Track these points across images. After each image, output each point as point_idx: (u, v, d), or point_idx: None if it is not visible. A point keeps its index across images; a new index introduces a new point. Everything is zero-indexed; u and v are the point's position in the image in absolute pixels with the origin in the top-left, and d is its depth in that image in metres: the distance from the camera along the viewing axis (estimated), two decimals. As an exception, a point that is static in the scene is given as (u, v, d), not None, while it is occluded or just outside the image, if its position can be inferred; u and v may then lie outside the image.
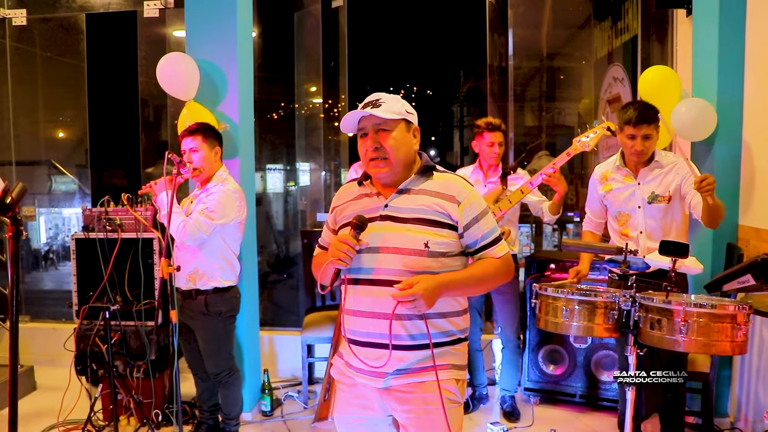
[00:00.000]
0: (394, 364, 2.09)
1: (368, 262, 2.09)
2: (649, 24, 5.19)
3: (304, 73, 6.52)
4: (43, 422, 4.26)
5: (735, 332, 2.60)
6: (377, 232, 2.10)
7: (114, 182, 7.72)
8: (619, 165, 3.56)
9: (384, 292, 2.04)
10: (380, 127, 2.12)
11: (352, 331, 2.16)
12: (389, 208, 2.14)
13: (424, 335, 2.08)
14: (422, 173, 2.19)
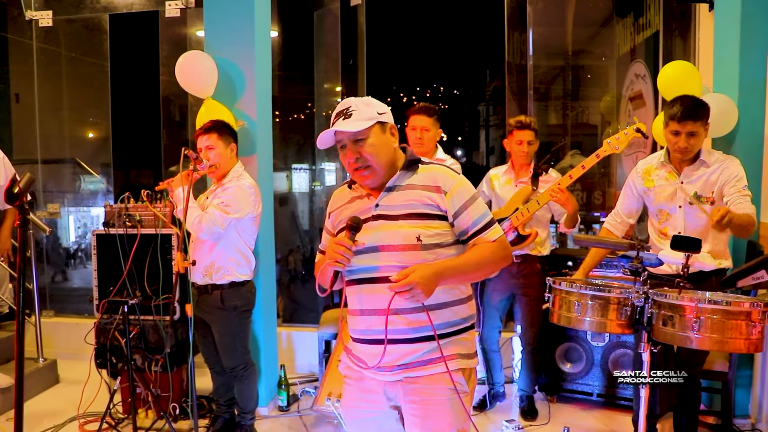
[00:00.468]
0: (398, 358, 2.10)
1: (368, 261, 2.12)
2: (671, 19, 5.13)
3: (324, 72, 6.54)
4: (64, 414, 4.35)
5: (750, 329, 2.56)
6: (373, 232, 2.13)
7: (141, 181, 7.84)
8: (663, 161, 3.45)
9: (382, 289, 2.05)
10: (356, 137, 2.13)
11: (358, 330, 2.20)
12: (380, 207, 2.17)
13: (427, 327, 2.08)
14: (407, 168, 2.21)
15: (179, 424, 4.13)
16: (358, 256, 2.10)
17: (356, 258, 2.09)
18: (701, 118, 3.25)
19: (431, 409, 2.12)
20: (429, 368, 2.12)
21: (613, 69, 6.37)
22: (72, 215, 7.10)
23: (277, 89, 4.66)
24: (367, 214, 2.17)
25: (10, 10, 6.18)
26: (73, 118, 6.83)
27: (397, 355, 2.10)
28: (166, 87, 6.01)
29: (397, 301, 2.04)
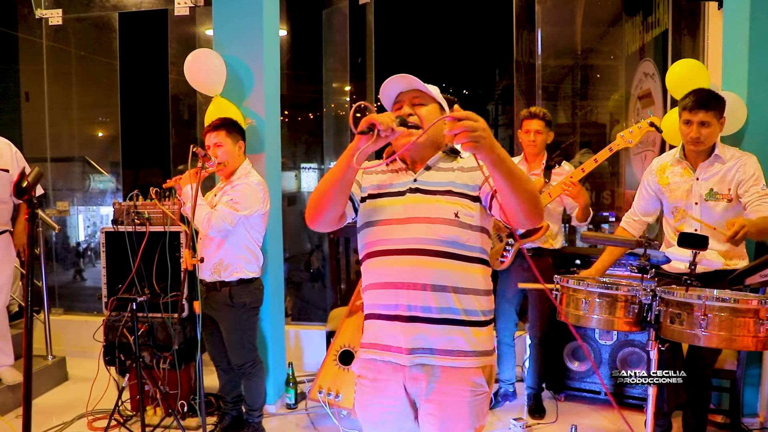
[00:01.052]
0: (425, 340, 2.03)
1: (398, 233, 2.07)
2: (680, 18, 5.11)
3: (332, 71, 6.55)
4: (73, 411, 4.37)
5: (758, 327, 2.55)
6: (405, 205, 2.10)
7: (150, 180, 7.88)
8: (679, 157, 3.44)
9: (415, 261, 2.02)
10: (417, 100, 2.14)
11: (378, 305, 2.12)
12: (418, 182, 2.14)
13: (454, 309, 2.03)
14: (449, 153, 2.22)
15: (187, 421, 4.15)
16: (388, 227, 2.08)
17: (386, 230, 2.08)
18: (713, 108, 3.24)
19: (451, 409, 2.06)
20: (453, 360, 2.05)
21: (622, 68, 6.35)
22: (81, 214, 7.14)
23: (285, 88, 4.67)
24: (402, 187, 2.14)
25: (20, 9, 6.22)
26: (82, 116, 6.87)
27: (425, 336, 2.03)
28: (175, 85, 6.03)
29: (427, 276, 2.00)
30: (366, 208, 2.18)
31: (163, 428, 4.10)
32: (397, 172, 2.21)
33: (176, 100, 6.21)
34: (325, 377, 4.05)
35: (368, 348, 2.18)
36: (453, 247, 2.05)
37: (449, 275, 2.03)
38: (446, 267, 2.03)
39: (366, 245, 2.15)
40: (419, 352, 2.04)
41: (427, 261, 2.02)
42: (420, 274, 2.02)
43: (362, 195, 2.20)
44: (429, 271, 2.01)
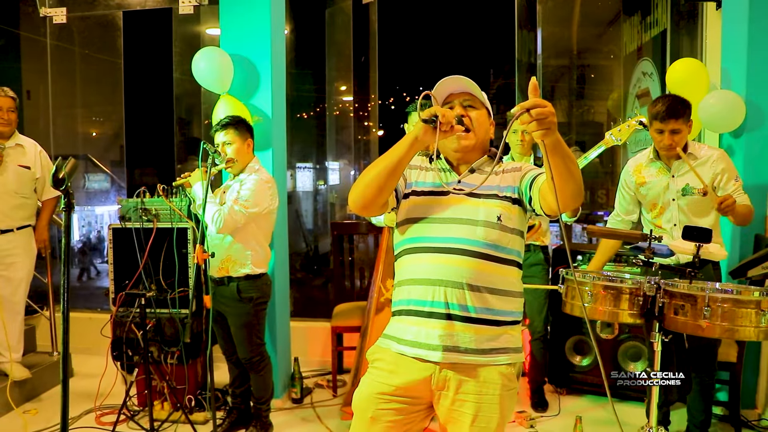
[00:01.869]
0: (455, 338, 2.05)
1: (440, 232, 2.09)
2: (679, 18, 5.18)
3: (335, 70, 6.59)
4: (80, 407, 4.39)
5: (759, 318, 2.62)
6: (449, 205, 2.13)
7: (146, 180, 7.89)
8: (652, 158, 3.53)
9: (456, 260, 2.04)
10: (468, 103, 2.19)
11: (414, 301, 2.11)
12: (462, 183, 2.19)
13: (489, 310, 2.06)
14: (492, 157, 2.27)
15: (195, 416, 4.19)
16: (429, 225, 2.11)
17: (427, 227, 2.11)
18: (683, 115, 3.33)
19: (483, 404, 2.07)
20: (487, 357, 2.07)
21: (620, 67, 6.41)
22: (76, 213, 7.15)
23: (287, 87, 4.71)
24: (447, 187, 2.18)
25: (24, 7, 6.25)
26: (85, 114, 6.89)
27: (460, 334, 2.04)
28: (179, 84, 6.07)
29: (467, 276, 2.03)
30: (408, 204, 2.20)
31: (170, 423, 4.14)
32: (441, 172, 2.25)
33: (180, 99, 6.25)
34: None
35: (394, 341, 2.16)
36: (494, 250, 2.08)
37: (488, 276, 2.07)
38: (486, 268, 2.06)
39: (406, 240, 2.17)
40: (452, 350, 2.05)
41: (468, 261, 2.04)
42: (460, 273, 2.04)
43: (406, 191, 2.23)
44: (469, 271, 2.04)
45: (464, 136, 2.15)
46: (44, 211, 4.67)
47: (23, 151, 4.48)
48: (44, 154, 4.61)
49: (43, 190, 4.62)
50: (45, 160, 4.60)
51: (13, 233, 4.43)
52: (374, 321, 4.13)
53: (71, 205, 1.78)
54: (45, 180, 4.57)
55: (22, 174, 4.44)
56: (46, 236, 4.67)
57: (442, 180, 2.22)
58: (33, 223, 4.60)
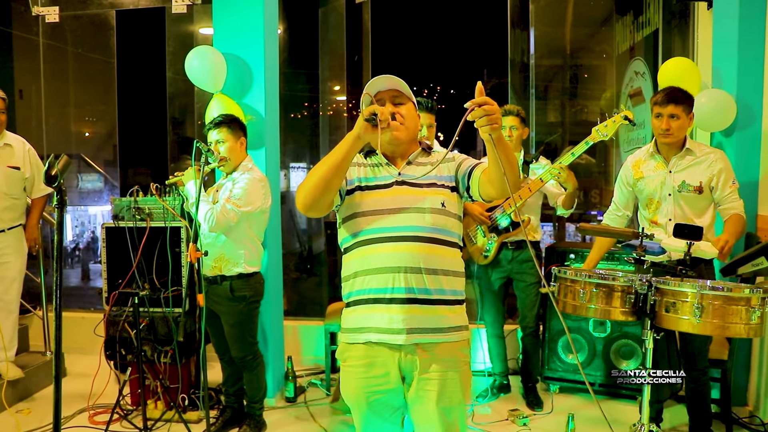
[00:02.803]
0: (419, 320, 2.18)
1: (390, 222, 2.20)
2: (671, 17, 5.21)
3: (329, 69, 6.60)
4: (73, 406, 4.38)
5: (750, 315, 2.64)
6: (396, 195, 2.24)
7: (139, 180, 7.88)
8: (652, 152, 3.57)
9: (410, 246, 2.17)
10: (397, 99, 2.30)
11: (372, 290, 2.21)
12: (403, 175, 2.29)
13: (443, 290, 2.21)
14: (425, 149, 2.41)
15: (188, 414, 4.18)
16: (379, 216, 2.21)
17: (377, 219, 2.20)
18: (682, 102, 3.38)
19: (447, 380, 2.22)
20: (446, 336, 2.22)
21: (613, 67, 6.44)
22: (69, 213, 7.14)
23: (281, 86, 4.72)
24: (387, 180, 2.29)
25: (16, 6, 6.23)
26: (79, 114, 6.88)
27: (421, 317, 2.18)
28: (172, 83, 6.07)
29: (422, 260, 2.16)
30: (354, 199, 2.28)
31: (164, 422, 4.14)
32: (378, 166, 2.35)
33: (174, 98, 6.25)
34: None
35: (358, 332, 2.27)
36: (442, 234, 2.23)
37: (440, 259, 2.21)
38: (437, 251, 2.21)
39: (356, 234, 2.26)
40: (416, 332, 2.18)
41: (421, 246, 2.18)
42: (416, 258, 2.17)
43: (348, 187, 2.31)
44: (424, 256, 2.18)
45: (397, 128, 2.24)
46: (34, 210, 4.65)
47: (12, 151, 4.44)
48: (33, 152, 4.57)
49: (33, 188, 4.58)
50: (34, 158, 4.57)
51: (3, 233, 4.41)
52: None
53: (64, 202, 1.79)
54: (34, 178, 4.54)
55: (12, 175, 4.41)
56: (36, 235, 4.66)
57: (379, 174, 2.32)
58: (23, 222, 4.59)
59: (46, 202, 4.70)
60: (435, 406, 2.21)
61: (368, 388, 2.27)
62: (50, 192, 4.70)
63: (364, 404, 2.30)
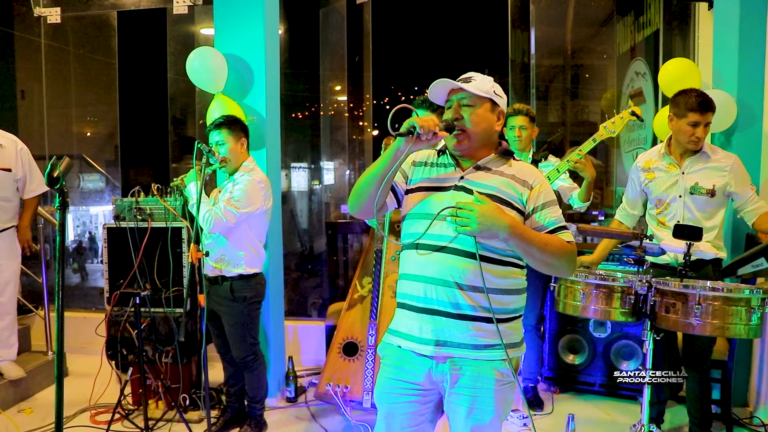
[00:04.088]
0: (447, 333, 2.11)
1: (435, 229, 2.12)
2: (671, 18, 5.22)
3: (329, 70, 6.60)
4: (74, 406, 4.40)
5: (750, 315, 2.65)
6: (450, 201, 2.13)
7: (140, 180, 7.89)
8: (664, 153, 3.52)
9: (450, 259, 2.09)
10: (466, 102, 2.18)
11: (410, 296, 2.18)
12: (464, 180, 2.19)
13: (480, 308, 2.10)
14: (502, 155, 2.26)
15: (189, 414, 4.19)
16: (429, 220, 2.12)
17: (426, 222, 2.13)
18: (714, 109, 3.36)
19: (478, 398, 2.13)
20: (480, 353, 2.12)
21: (614, 67, 6.44)
22: (71, 213, 7.14)
23: (282, 87, 4.72)
24: (448, 183, 2.20)
25: (18, 7, 6.24)
26: (80, 115, 6.89)
27: (452, 331, 2.11)
28: (174, 84, 6.08)
29: (460, 275, 2.08)
30: (412, 199, 2.24)
31: (165, 422, 4.15)
32: (447, 166, 2.26)
33: (175, 99, 6.26)
34: (332, 370, 4.11)
35: (393, 334, 2.26)
36: (488, 251, 2.11)
37: (480, 276, 2.08)
38: (480, 268, 2.07)
39: (406, 235, 2.23)
40: (444, 345, 2.12)
41: (462, 261, 2.09)
42: (453, 272, 2.09)
43: (408, 187, 2.27)
44: (462, 271, 2.08)
45: (458, 138, 2.16)
46: (27, 211, 4.61)
47: (3, 152, 4.39)
48: (25, 151, 4.52)
49: (25, 189, 4.54)
50: (26, 158, 4.52)
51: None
52: (344, 317, 4.19)
53: (66, 204, 1.79)
54: (26, 178, 4.52)
55: (3, 177, 4.37)
56: (29, 236, 4.62)
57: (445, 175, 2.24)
58: (16, 223, 4.54)
59: (39, 203, 4.68)
60: (464, 422, 2.15)
61: (394, 390, 2.24)
62: (43, 192, 4.69)
63: (385, 405, 2.27)
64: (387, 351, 2.29)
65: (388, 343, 2.29)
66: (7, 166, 4.40)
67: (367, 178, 2.11)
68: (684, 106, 3.35)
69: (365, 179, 2.11)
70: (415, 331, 2.16)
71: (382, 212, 2.20)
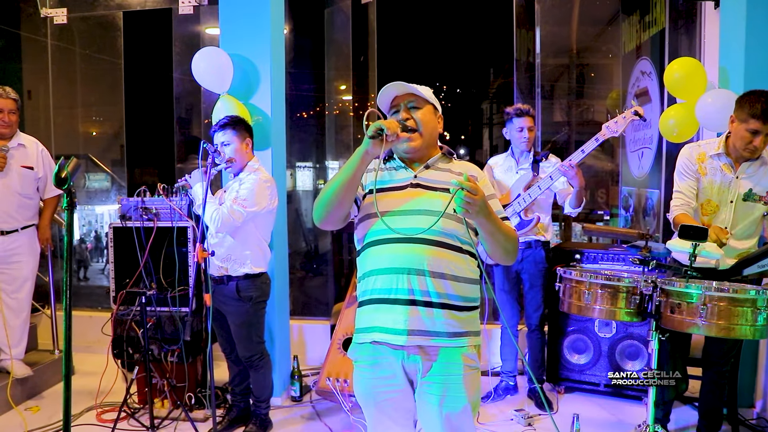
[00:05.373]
0: (423, 323, 2.18)
1: (399, 223, 2.18)
2: (677, 17, 5.20)
3: (335, 69, 6.61)
4: (81, 404, 4.41)
5: (756, 316, 2.65)
6: (407, 198, 2.25)
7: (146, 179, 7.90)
8: (721, 152, 3.35)
9: (417, 248, 2.17)
10: (413, 104, 2.32)
11: (378, 290, 2.24)
12: (419, 178, 2.30)
13: (449, 295, 2.19)
14: (446, 155, 2.41)
15: (194, 413, 4.21)
16: (391, 217, 2.19)
17: (389, 219, 2.18)
18: None
19: (448, 384, 2.21)
20: (449, 340, 2.20)
21: (619, 66, 6.43)
22: (77, 213, 7.17)
23: (287, 86, 4.73)
24: (402, 183, 2.30)
25: (25, 8, 6.27)
26: (86, 114, 6.92)
27: (423, 319, 2.17)
28: (179, 84, 6.09)
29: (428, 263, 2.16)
30: (368, 201, 2.30)
31: (171, 420, 4.16)
32: (396, 169, 2.37)
33: (180, 99, 6.27)
34: (332, 366, 4.15)
35: (364, 332, 2.31)
36: (451, 239, 2.21)
37: (447, 263, 2.19)
38: (444, 256, 2.19)
39: (369, 234, 2.29)
40: (417, 334, 2.18)
41: (428, 249, 2.17)
42: (421, 260, 2.17)
43: (364, 192, 2.35)
44: (430, 259, 2.17)
45: (411, 138, 2.28)
46: (46, 210, 4.71)
47: (26, 151, 4.51)
48: (46, 153, 4.65)
49: (45, 188, 4.64)
50: (47, 159, 4.64)
51: (17, 233, 4.47)
52: (344, 314, 4.22)
53: (74, 204, 1.81)
54: (47, 179, 4.60)
55: (26, 175, 4.48)
56: (48, 235, 4.72)
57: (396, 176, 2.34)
58: (36, 222, 4.64)
59: (58, 203, 4.74)
60: (438, 411, 2.21)
61: (376, 389, 2.30)
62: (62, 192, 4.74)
63: (372, 405, 2.33)
64: (359, 352, 2.34)
65: (358, 343, 2.34)
66: (30, 165, 4.51)
67: (335, 186, 2.18)
68: (747, 111, 3.15)
69: (333, 187, 2.19)
70: (388, 323, 2.21)
71: (346, 221, 2.31)
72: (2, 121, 4.35)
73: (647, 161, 5.52)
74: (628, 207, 6.09)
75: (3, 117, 4.36)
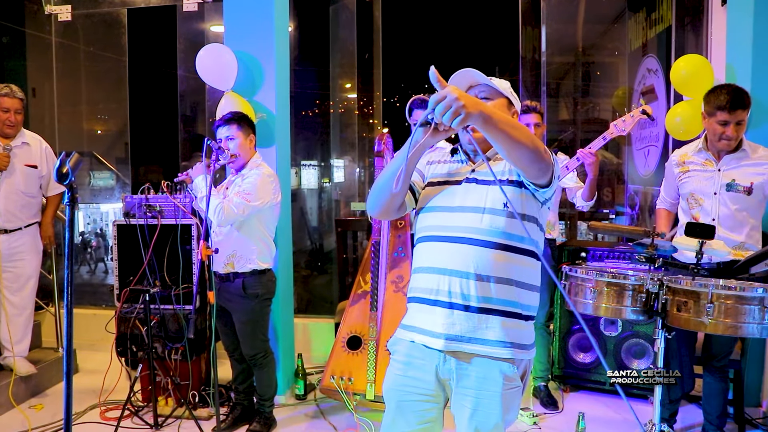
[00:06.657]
0: (457, 326, 2.06)
1: (450, 221, 2.10)
2: (684, 14, 5.17)
3: (339, 67, 6.60)
4: (85, 402, 4.42)
5: (763, 315, 2.62)
6: (461, 194, 2.14)
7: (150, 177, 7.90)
8: (701, 148, 3.46)
9: (462, 249, 2.05)
10: (484, 95, 2.17)
11: (421, 289, 2.15)
12: (476, 173, 2.17)
13: (492, 299, 2.05)
14: None
15: (198, 411, 4.20)
16: (441, 213, 2.13)
17: (439, 215, 2.12)
18: (748, 105, 3.27)
19: (483, 399, 2.08)
20: (487, 349, 2.06)
21: (625, 64, 6.40)
22: (81, 211, 7.17)
23: (291, 84, 4.73)
24: (461, 176, 2.19)
25: (29, 6, 6.28)
26: (90, 112, 6.92)
27: (461, 323, 2.06)
28: (183, 81, 6.10)
29: (472, 265, 2.03)
30: (425, 194, 2.23)
31: (174, 418, 4.16)
32: (459, 163, 2.26)
33: (185, 96, 6.27)
34: (336, 364, 4.12)
35: (406, 329, 2.22)
36: (501, 238, 2.05)
37: (497, 265, 2.05)
38: (494, 257, 2.05)
39: (420, 230, 2.21)
40: (454, 339, 2.07)
41: (475, 250, 2.04)
42: (466, 262, 2.04)
43: (424, 184, 2.27)
44: (475, 260, 2.04)
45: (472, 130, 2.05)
46: (49, 208, 4.72)
47: (30, 149, 4.52)
48: (49, 150, 4.65)
49: (48, 186, 4.65)
50: (50, 157, 4.65)
51: (20, 231, 4.47)
52: (348, 312, 4.20)
53: (75, 200, 1.80)
54: (50, 176, 4.60)
55: (30, 174, 4.49)
56: (51, 232, 4.73)
57: (458, 170, 2.23)
58: (39, 219, 4.65)
59: (61, 200, 4.74)
60: (467, 423, 2.10)
61: (403, 388, 2.19)
62: (65, 190, 4.75)
63: (393, 402, 2.22)
64: (398, 346, 2.25)
65: (399, 338, 2.25)
66: (33, 163, 4.52)
67: (386, 176, 2.08)
68: (713, 104, 3.28)
69: (385, 178, 2.09)
70: (427, 324, 2.11)
71: (401, 211, 2.20)
72: (8, 120, 4.36)
73: (653, 159, 5.49)
74: (634, 205, 6.07)
75: (9, 117, 4.36)
